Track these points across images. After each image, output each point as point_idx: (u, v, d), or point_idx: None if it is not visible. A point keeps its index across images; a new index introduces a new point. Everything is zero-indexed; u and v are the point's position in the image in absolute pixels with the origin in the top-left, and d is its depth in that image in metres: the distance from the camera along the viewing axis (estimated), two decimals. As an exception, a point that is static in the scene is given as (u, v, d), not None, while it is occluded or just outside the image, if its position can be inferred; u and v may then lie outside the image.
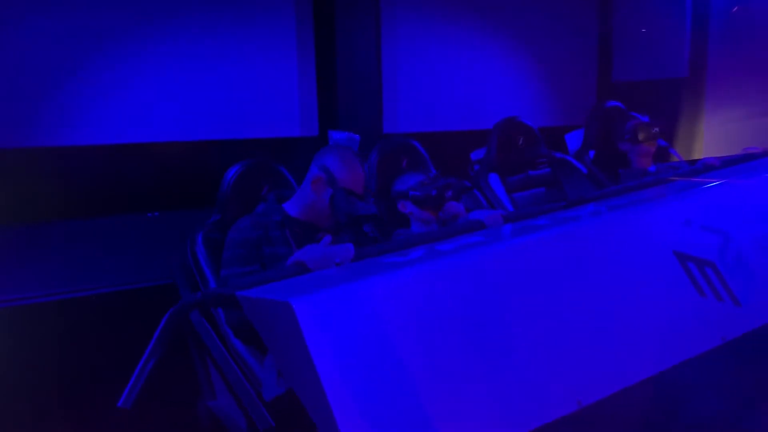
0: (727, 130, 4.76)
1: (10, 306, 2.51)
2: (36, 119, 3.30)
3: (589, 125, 3.47)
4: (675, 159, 3.46)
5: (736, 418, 1.38)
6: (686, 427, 1.30)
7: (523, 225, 1.54)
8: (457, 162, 2.89)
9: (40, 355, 2.46)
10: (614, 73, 5.21)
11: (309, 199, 2.00)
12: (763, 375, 1.47)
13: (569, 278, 1.28)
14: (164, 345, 1.30)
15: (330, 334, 1.01)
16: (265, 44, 3.87)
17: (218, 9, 3.71)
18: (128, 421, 1.21)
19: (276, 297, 1.08)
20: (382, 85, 4.10)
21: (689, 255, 1.42)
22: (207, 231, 2.14)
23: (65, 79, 3.35)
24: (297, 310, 1.00)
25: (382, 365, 1.03)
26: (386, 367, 1.03)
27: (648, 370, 1.25)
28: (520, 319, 1.17)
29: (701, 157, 4.56)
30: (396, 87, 4.33)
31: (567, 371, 1.18)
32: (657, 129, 3.16)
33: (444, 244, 1.42)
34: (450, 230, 1.90)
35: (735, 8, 4.61)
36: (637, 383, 1.23)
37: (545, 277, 1.25)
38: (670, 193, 1.77)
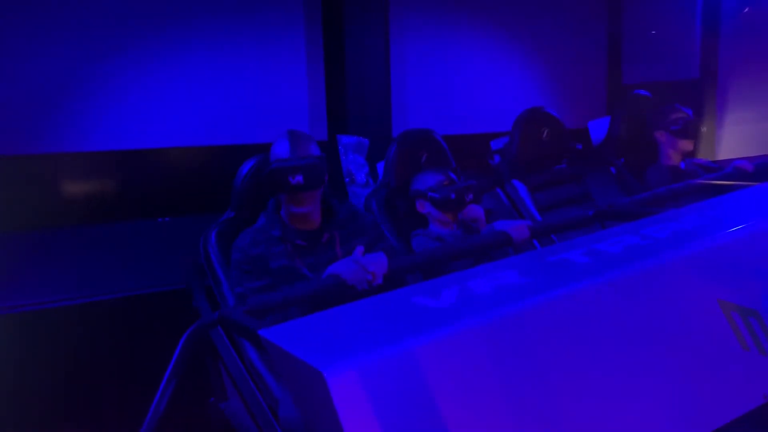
0: (739, 132, 4.72)
1: (22, 311, 2.52)
2: (47, 126, 3.32)
3: (616, 113, 3.31)
4: (700, 155, 3.34)
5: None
6: None
7: (557, 257, 1.43)
8: (465, 165, 2.86)
9: (52, 360, 2.47)
10: (624, 76, 5.17)
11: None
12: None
13: (611, 334, 1.20)
14: (182, 369, 1.27)
15: (365, 404, 0.96)
16: (275, 49, 3.88)
17: (228, 15, 3.72)
18: (138, 420, 1.20)
19: (305, 356, 1.01)
20: (390, 89, 4.09)
21: (734, 303, 1.32)
22: (221, 229, 2.11)
23: (77, 87, 3.37)
24: (329, 380, 0.95)
25: None
26: None
27: None
28: (561, 382, 1.11)
29: (714, 158, 4.52)
30: (405, 91, 4.33)
31: None
32: (704, 129, 3.01)
33: (476, 278, 1.31)
34: (475, 244, 1.84)
35: (746, 9, 4.57)
36: None
37: (586, 334, 1.18)
38: (711, 221, 1.63)
